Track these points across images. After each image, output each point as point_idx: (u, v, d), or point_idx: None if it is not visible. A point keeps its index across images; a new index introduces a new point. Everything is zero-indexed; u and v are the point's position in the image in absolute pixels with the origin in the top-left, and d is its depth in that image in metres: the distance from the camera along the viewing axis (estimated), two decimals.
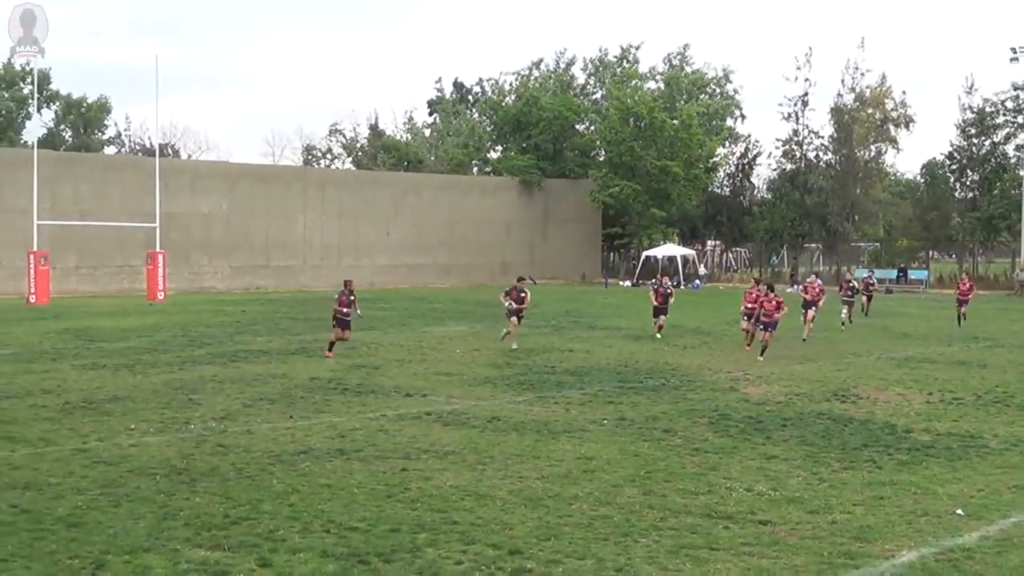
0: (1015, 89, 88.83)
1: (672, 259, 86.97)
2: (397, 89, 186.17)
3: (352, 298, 32.49)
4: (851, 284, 46.19)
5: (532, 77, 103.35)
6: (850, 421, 21.34)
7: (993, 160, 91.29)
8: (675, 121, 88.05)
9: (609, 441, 18.81)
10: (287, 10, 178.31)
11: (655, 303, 39.91)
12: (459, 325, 43.69)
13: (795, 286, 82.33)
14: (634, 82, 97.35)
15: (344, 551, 12.04)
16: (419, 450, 17.76)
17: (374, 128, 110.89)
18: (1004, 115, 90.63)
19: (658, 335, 38.71)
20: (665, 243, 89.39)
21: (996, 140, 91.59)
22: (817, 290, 39.53)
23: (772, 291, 33.99)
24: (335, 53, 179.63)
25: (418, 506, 14.11)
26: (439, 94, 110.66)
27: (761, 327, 33.45)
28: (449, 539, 12.60)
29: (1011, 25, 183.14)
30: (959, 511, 14.26)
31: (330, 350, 31.77)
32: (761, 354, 32.22)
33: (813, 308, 38.49)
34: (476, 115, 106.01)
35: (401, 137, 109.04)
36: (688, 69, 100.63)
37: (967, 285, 47.69)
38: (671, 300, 40.47)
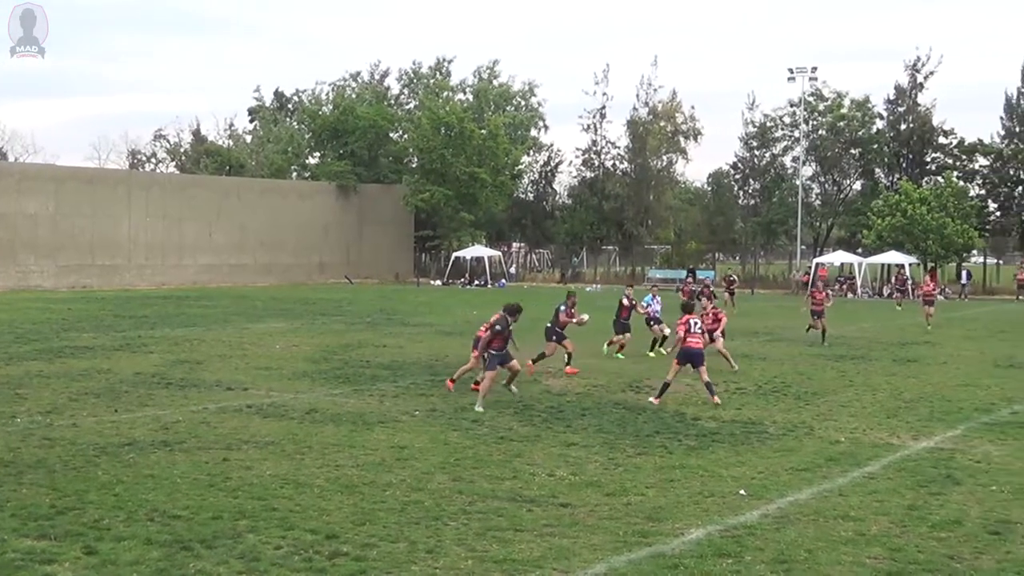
0: (791, 106, 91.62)
1: (480, 260, 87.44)
2: (219, 97, 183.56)
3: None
4: (732, 280, 44.31)
5: (349, 87, 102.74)
6: (643, 410, 21.67)
7: (772, 170, 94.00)
8: (483, 131, 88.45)
9: (421, 431, 18.82)
10: (113, 19, 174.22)
11: (620, 318, 32.69)
12: (279, 322, 43.22)
13: (594, 286, 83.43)
14: (445, 93, 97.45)
15: (168, 538, 11.83)
16: (240, 441, 17.55)
17: (197, 134, 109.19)
18: (782, 129, 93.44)
19: (619, 355, 31.89)
20: (473, 245, 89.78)
21: (775, 152, 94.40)
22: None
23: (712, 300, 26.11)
24: (159, 61, 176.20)
25: (239, 494, 13.94)
26: (259, 102, 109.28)
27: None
28: (269, 525, 12.47)
29: (789, 48, 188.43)
30: (742, 491, 14.60)
31: (535, 362, 27.84)
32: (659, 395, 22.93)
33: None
34: (295, 123, 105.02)
35: (223, 143, 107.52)
36: (496, 83, 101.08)
37: (822, 294, 39.03)
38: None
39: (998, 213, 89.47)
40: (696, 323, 23.35)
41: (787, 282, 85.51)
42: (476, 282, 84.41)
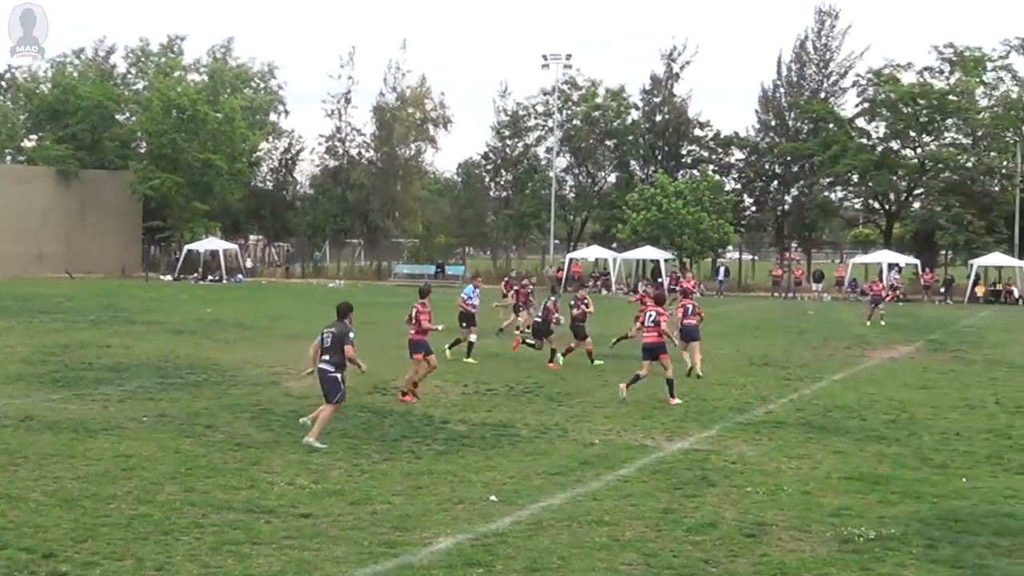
0: (545, 94, 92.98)
1: (215, 253, 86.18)
2: None
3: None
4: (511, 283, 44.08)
5: (70, 64, 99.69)
6: (390, 413, 21.72)
7: (525, 161, 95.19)
8: (219, 114, 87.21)
9: (149, 438, 18.44)
10: None
11: (576, 321, 31.72)
12: None
13: (337, 282, 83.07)
14: (177, 73, 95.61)
15: None
16: None
17: None
18: (535, 118, 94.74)
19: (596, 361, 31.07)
20: (208, 237, 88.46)
21: (528, 142, 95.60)
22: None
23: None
24: None
25: None
26: None
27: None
28: None
29: (543, 34, 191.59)
30: (493, 497, 14.76)
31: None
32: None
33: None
34: (9, 102, 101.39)
35: None
36: (232, 63, 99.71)
37: (640, 296, 36.14)
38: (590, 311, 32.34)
39: (753, 208, 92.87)
40: (651, 315, 24.43)
41: (540, 278, 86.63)
42: (210, 277, 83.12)
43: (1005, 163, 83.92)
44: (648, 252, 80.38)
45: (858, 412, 23.19)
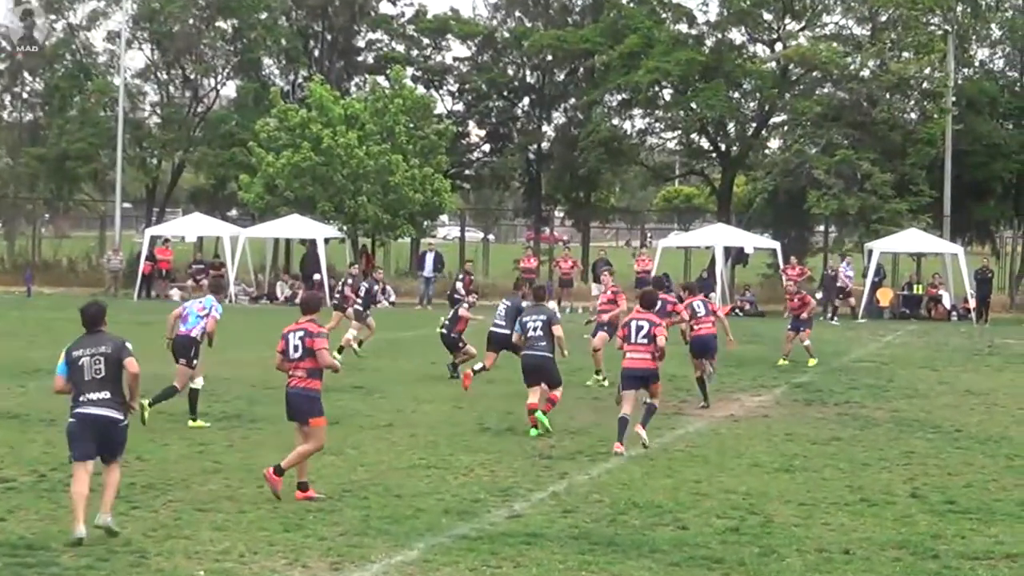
0: None
1: None
2: None
3: None
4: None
5: None
6: None
7: (69, 56, 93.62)
8: None
9: None
10: None
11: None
12: None
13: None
14: None
15: None
16: None
17: None
18: None
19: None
20: None
21: (75, 21, 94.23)
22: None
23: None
24: None
25: None
26: None
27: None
28: None
29: None
30: None
31: None
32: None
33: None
34: None
35: None
36: None
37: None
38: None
39: (487, 148, 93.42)
40: (640, 327, 29.01)
41: (98, 272, 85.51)
42: None
43: (928, 72, 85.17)
44: (296, 225, 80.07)
45: (673, 514, 23.47)
